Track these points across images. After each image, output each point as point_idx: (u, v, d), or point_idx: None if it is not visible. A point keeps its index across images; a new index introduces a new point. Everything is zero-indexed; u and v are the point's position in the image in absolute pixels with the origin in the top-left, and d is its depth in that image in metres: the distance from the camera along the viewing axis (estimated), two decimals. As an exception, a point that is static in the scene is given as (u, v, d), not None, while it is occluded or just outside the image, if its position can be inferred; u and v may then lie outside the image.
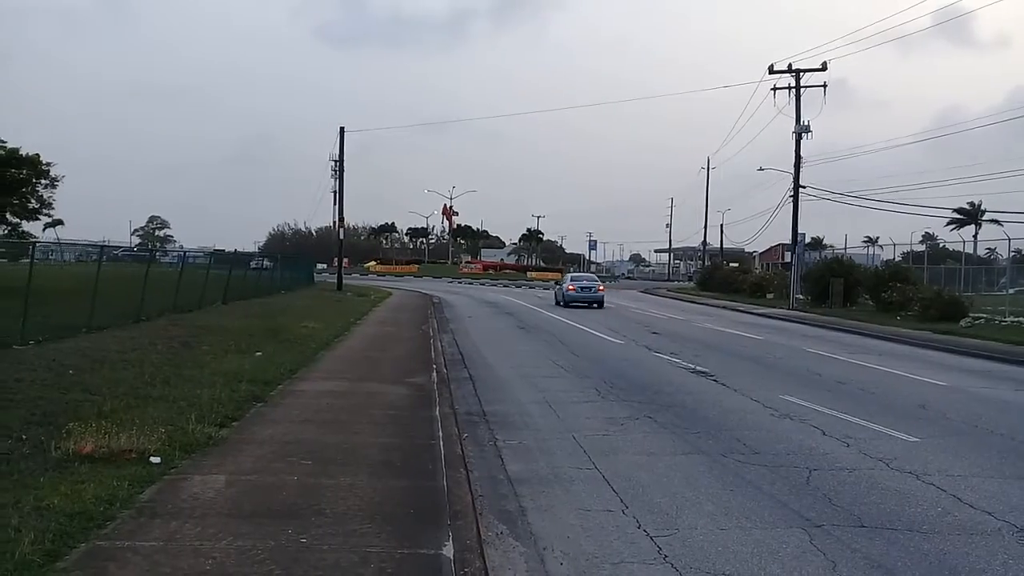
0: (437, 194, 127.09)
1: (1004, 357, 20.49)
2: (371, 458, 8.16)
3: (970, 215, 77.34)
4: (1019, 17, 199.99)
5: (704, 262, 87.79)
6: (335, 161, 55.18)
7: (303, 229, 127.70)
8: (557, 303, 40.21)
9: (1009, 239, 34.14)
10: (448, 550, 5.73)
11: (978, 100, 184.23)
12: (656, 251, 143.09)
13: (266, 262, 47.86)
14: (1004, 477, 8.49)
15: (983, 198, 75.62)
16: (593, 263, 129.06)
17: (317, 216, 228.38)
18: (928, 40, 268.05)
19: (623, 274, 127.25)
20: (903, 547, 6.25)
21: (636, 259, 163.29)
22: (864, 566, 5.89)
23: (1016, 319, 28.02)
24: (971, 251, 50.68)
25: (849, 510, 7.15)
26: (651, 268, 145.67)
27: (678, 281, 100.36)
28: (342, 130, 50.11)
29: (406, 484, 7.34)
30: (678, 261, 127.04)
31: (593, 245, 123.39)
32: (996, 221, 66.43)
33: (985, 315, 29.45)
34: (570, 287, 39.78)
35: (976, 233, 70.59)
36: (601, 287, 40.51)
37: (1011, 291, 35.00)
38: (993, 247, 50.76)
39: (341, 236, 53.71)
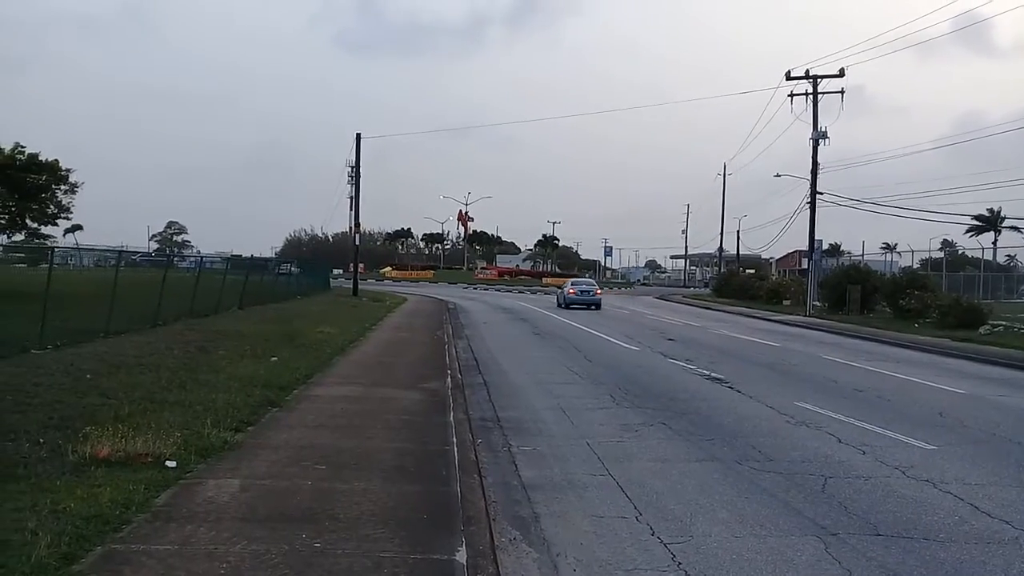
0: (453, 200, 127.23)
1: (1023, 365, 20.27)
2: (385, 463, 8.17)
3: (989, 222, 76.48)
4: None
5: (720, 268, 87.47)
6: (351, 167, 55.54)
7: (319, 234, 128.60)
8: (559, 305, 44.08)
9: (1029, 246, 33.84)
10: (461, 556, 5.74)
11: (997, 106, 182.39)
12: (672, 257, 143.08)
13: (292, 267, 48.05)
14: (1022, 486, 8.40)
15: (1003, 205, 75.07)
16: (608, 269, 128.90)
17: (333, 221, 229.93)
18: (947, 46, 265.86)
19: (639, 280, 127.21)
20: (919, 556, 6.19)
21: (652, 265, 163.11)
22: (880, 575, 5.85)
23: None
24: (990, 258, 50.31)
25: (865, 518, 7.09)
26: (667, 274, 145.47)
27: (694, 287, 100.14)
28: (358, 136, 50.40)
29: (420, 489, 7.35)
30: (694, 267, 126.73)
31: (609, 251, 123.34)
32: (1016, 228, 66.05)
33: (1004, 322, 29.19)
34: (571, 291, 44.61)
35: (995, 240, 69.68)
36: (598, 291, 45.39)
37: (1030, 298, 34.66)
38: (1013, 254, 50.22)
39: (357, 241, 53.92)
